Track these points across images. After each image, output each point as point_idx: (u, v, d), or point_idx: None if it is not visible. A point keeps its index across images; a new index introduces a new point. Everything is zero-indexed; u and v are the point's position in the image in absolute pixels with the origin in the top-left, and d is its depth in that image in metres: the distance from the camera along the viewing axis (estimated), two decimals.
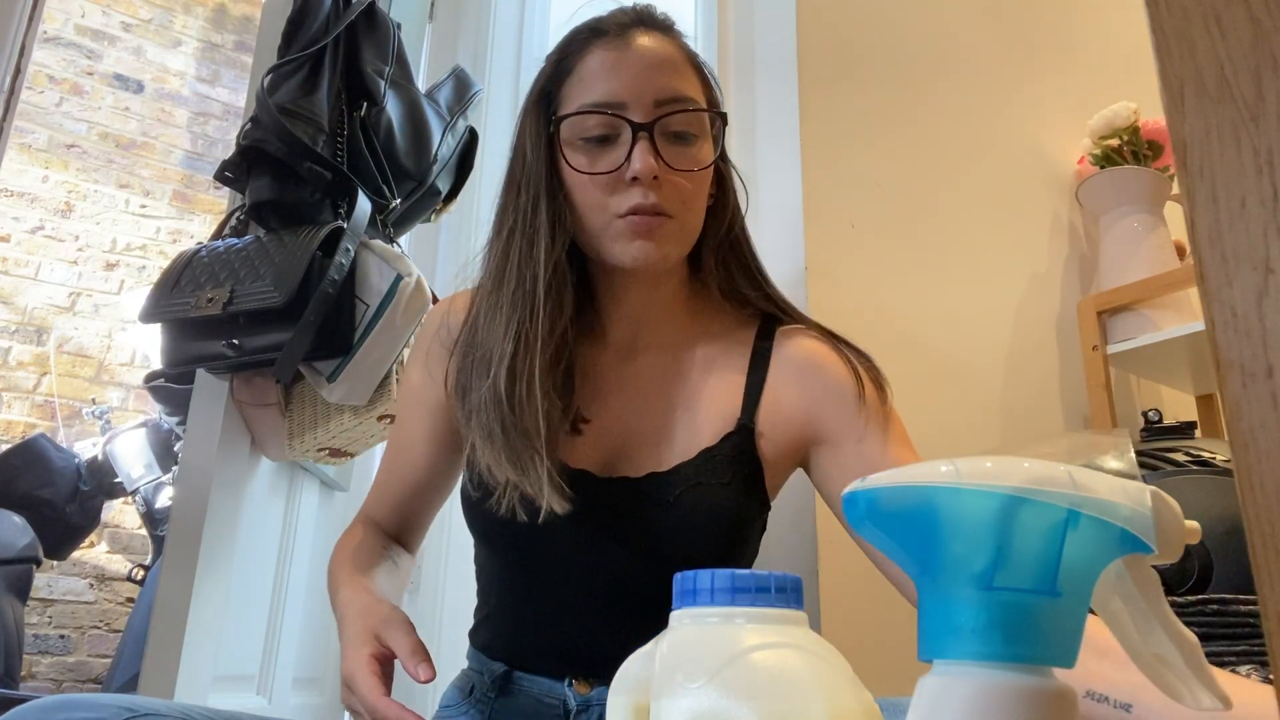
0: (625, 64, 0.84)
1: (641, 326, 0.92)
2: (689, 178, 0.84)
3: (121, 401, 3.61)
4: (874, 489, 0.41)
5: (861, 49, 1.59)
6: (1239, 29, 0.32)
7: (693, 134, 0.85)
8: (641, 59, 0.84)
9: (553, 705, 0.86)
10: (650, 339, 0.92)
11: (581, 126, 0.84)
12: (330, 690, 1.57)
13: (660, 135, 0.83)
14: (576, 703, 0.85)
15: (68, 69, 3.76)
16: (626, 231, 0.82)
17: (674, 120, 0.83)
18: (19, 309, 3.51)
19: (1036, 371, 1.65)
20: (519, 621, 0.89)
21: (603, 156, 0.83)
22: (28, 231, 3.58)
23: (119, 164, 3.80)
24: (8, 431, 3.36)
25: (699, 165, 0.85)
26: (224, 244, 1.31)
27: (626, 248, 0.83)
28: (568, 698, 0.85)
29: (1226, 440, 0.32)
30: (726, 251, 0.94)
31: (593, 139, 0.84)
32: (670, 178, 0.83)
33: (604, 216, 0.83)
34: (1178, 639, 0.39)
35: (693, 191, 0.85)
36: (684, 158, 0.84)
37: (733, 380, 0.90)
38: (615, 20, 0.88)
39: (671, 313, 0.93)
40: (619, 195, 0.82)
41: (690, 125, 0.85)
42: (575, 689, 0.86)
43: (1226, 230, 0.32)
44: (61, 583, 3.31)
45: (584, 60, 0.86)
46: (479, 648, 0.93)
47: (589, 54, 0.86)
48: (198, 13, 4.10)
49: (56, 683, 3.23)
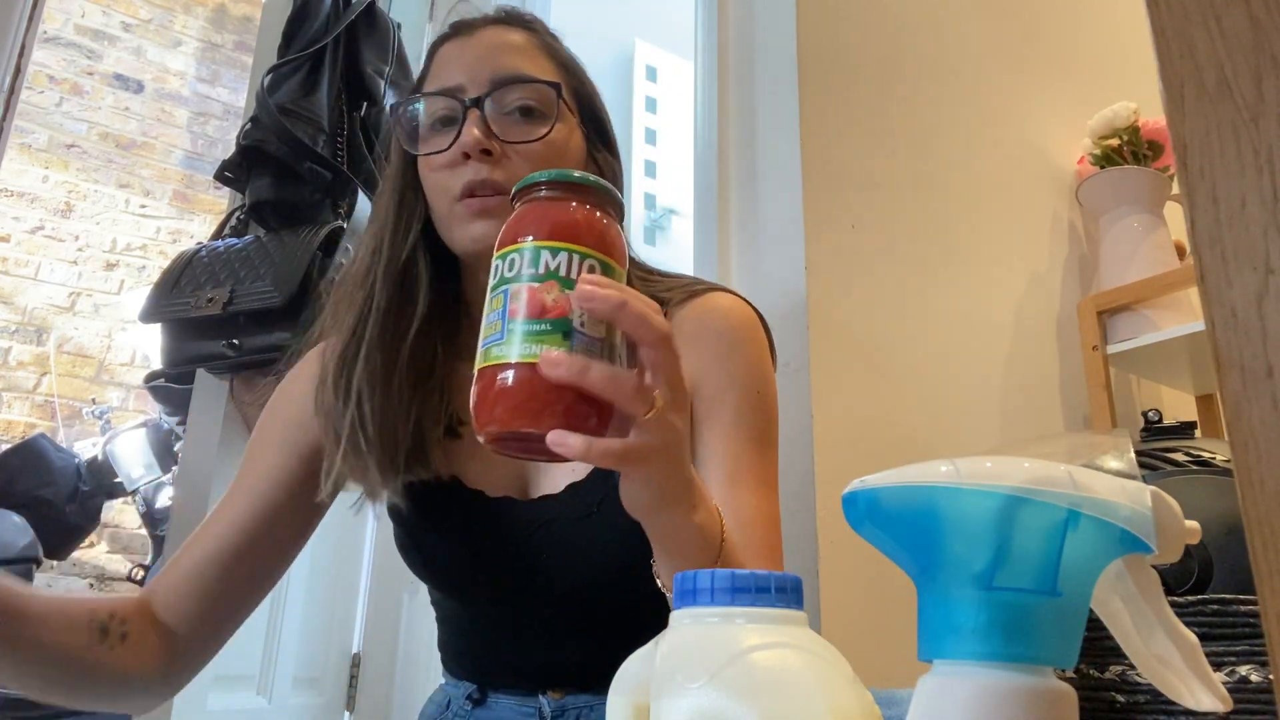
0: (467, 50, 0.83)
1: None
2: (527, 152, 0.79)
3: (121, 401, 3.61)
4: (874, 489, 0.41)
5: (861, 49, 1.59)
6: (1239, 29, 0.32)
7: (539, 110, 0.81)
8: (483, 45, 0.83)
9: (528, 714, 0.85)
10: None
11: (426, 114, 0.82)
12: (330, 690, 1.57)
13: (498, 112, 0.80)
14: (552, 709, 0.84)
15: (68, 69, 3.76)
16: (465, 213, 0.78)
17: (511, 96, 0.80)
18: (19, 309, 3.51)
19: (1036, 371, 1.65)
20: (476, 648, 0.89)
21: (441, 139, 0.80)
22: (28, 231, 3.58)
23: (119, 164, 3.80)
24: (8, 431, 3.36)
25: (535, 136, 0.79)
26: (224, 244, 1.31)
27: (467, 229, 0.78)
28: (542, 705, 0.85)
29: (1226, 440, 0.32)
30: None
31: (435, 123, 0.81)
32: (510, 154, 0.79)
33: (446, 200, 0.80)
34: (1178, 639, 0.39)
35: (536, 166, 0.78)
36: (521, 131, 0.80)
37: None
38: (471, 20, 0.87)
39: None
40: (455, 174, 0.79)
41: (535, 101, 0.81)
42: (550, 697, 0.85)
43: (1226, 230, 0.32)
44: (61, 583, 3.31)
45: (437, 54, 0.86)
46: (448, 670, 0.93)
47: (440, 49, 0.86)
48: (198, 13, 4.10)
49: None
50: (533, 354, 0.50)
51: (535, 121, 0.81)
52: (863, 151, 1.54)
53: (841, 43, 1.57)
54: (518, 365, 0.50)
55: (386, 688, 1.61)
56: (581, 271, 0.51)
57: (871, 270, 1.48)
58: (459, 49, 0.83)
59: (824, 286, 1.39)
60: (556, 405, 0.50)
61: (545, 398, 0.49)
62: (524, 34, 0.86)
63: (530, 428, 0.50)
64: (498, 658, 0.87)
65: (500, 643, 0.86)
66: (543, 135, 0.80)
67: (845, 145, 1.52)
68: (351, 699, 1.59)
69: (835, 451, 1.29)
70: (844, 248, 1.45)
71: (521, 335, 0.50)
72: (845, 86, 1.55)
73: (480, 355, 0.52)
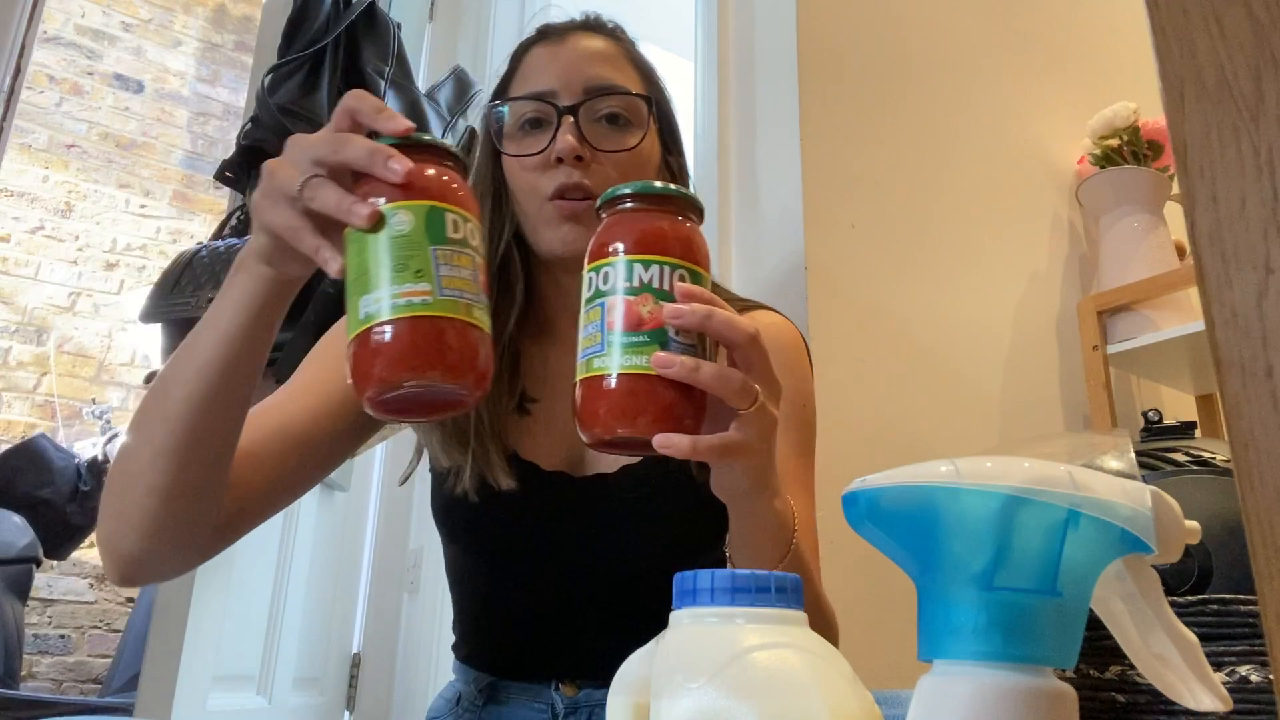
0: (560, 57, 0.86)
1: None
2: (617, 161, 0.83)
3: (121, 401, 3.61)
4: (874, 489, 0.41)
5: (861, 49, 1.59)
6: (1239, 29, 0.32)
7: (626, 119, 0.85)
8: (575, 51, 0.86)
9: (540, 710, 0.86)
10: None
11: (517, 115, 0.86)
12: (330, 690, 1.57)
13: (590, 119, 0.83)
14: (564, 705, 0.85)
15: (68, 69, 3.76)
16: (555, 215, 0.82)
17: (602, 105, 0.84)
18: (19, 309, 3.51)
19: (1036, 371, 1.65)
20: (499, 629, 0.89)
21: (533, 142, 0.84)
22: (28, 231, 3.58)
23: (119, 164, 3.80)
24: (8, 431, 3.36)
25: (626, 147, 0.84)
26: (224, 244, 1.31)
27: (556, 231, 0.82)
28: (555, 701, 0.86)
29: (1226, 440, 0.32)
30: None
31: (525, 125, 0.85)
32: (600, 160, 0.83)
33: (536, 201, 0.83)
34: (1178, 639, 0.39)
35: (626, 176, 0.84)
36: (612, 139, 0.84)
37: None
38: (560, 25, 0.91)
39: None
40: (547, 176, 0.82)
41: (623, 111, 0.85)
42: (562, 692, 0.86)
43: (1226, 230, 0.32)
44: (61, 583, 3.31)
45: (525, 58, 0.89)
46: (462, 660, 0.93)
47: (530, 53, 0.89)
48: (198, 13, 4.10)
49: (56, 683, 3.22)
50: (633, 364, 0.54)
51: (624, 130, 0.85)
52: (863, 151, 1.54)
53: (841, 42, 1.57)
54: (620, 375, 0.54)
55: (386, 688, 1.61)
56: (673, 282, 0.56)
57: (871, 270, 1.48)
58: (549, 54, 0.87)
59: (824, 286, 1.39)
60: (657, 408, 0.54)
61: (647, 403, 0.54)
62: (611, 42, 0.90)
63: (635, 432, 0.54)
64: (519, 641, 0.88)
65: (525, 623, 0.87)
66: (633, 146, 0.84)
67: (845, 145, 1.52)
68: (351, 699, 1.59)
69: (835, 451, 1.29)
70: (844, 248, 1.45)
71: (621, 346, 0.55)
72: (845, 86, 1.55)
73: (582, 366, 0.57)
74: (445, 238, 0.54)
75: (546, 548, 0.85)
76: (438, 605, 1.61)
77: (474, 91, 1.64)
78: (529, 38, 0.91)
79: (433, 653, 1.58)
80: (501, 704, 0.88)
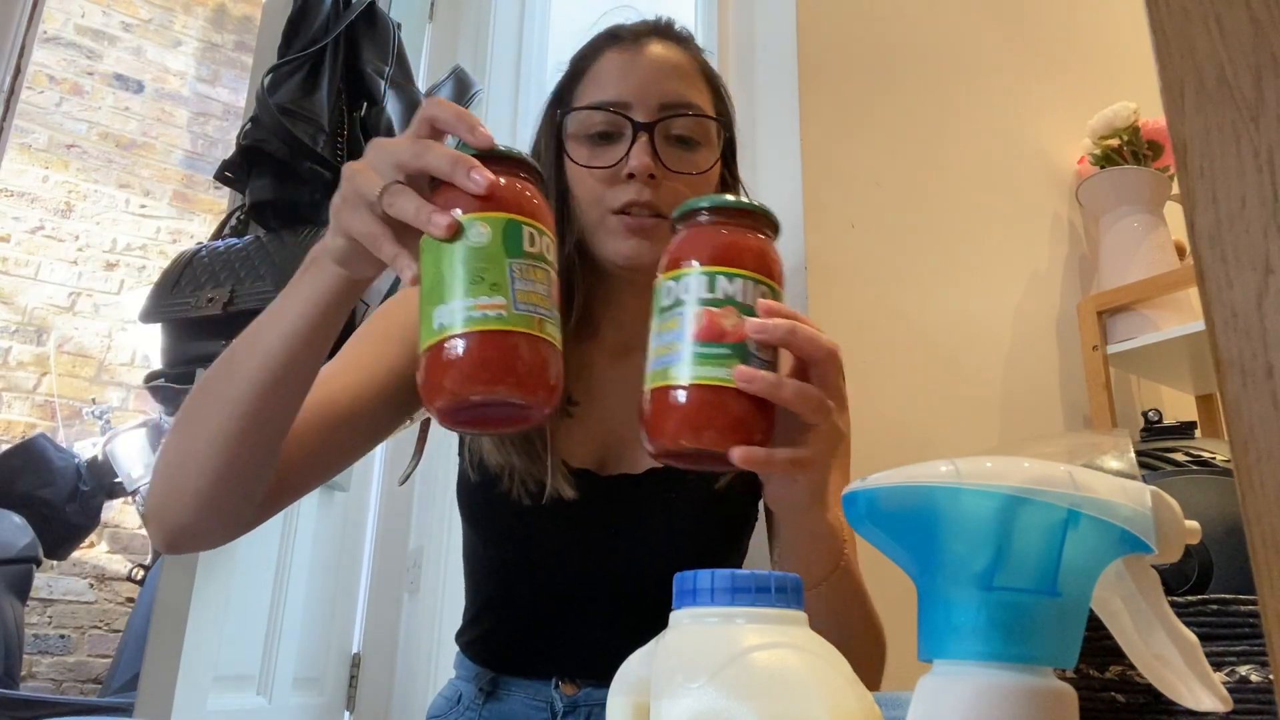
0: (635, 67, 0.86)
1: (634, 325, 0.93)
2: (687, 181, 0.84)
3: (121, 401, 3.61)
4: (874, 489, 0.41)
5: (861, 49, 1.59)
6: (1239, 29, 0.32)
7: (695, 140, 0.86)
8: (651, 63, 0.86)
9: (539, 707, 0.86)
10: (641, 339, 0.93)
11: (587, 123, 0.85)
12: (330, 690, 1.57)
13: (662, 137, 0.84)
14: (563, 704, 0.86)
15: (68, 69, 3.76)
16: (620, 229, 0.83)
17: (676, 124, 0.84)
18: (19, 309, 3.51)
19: (1036, 371, 1.65)
20: (509, 617, 0.90)
21: (604, 152, 0.84)
22: (28, 231, 3.58)
23: (119, 164, 3.80)
24: (8, 431, 3.36)
25: (698, 169, 0.85)
26: (224, 244, 1.31)
27: (619, 245, 0.83)
28: (554, 700, 0.86)
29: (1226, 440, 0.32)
30: None
31: (596, 135, 0.85)
32: (668, 180, 0.83)
33: (599, 210, 0.84)
34: (1178, 639, 0.39)
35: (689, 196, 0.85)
36: (684, 161, 0.85)
37: None
38: (633, 28, 0.90)
39: None
40: (615, 190, 0.83)
41: (693, 131, 0.85)
42: (562, 690, 0.86)
43: (1226, 230, 0.32)
44: (61, 583, 3.31)
45: (597, 63, 0.88)
46: (465, 649, 0.93)
47: (602, 57, 0.88)
48: (198, 13, 4.10)
49: (56, 683, 3.22)
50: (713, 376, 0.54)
51: (695, 151, 0.86)
52: (863, 151, 1.54)
53: (841, 42, 1.57)
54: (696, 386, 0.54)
55: (386, 688, 1.61)
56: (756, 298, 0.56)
57: (871, 270, 1.48)
58: (624, 62, 0.87)
59: (824, 285, 1.39)
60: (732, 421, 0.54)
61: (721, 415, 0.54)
62: (685, 54, 0.89)
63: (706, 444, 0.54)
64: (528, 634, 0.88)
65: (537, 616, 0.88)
66: (705, 170, 0.86)
67: (845, 144, 1.52)
68: (351, 699, 1.59)
69: None
70: (844, 247, 1.45)
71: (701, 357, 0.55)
72: (845, 86, 1.55)
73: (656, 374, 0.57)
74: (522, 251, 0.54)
75: (569, 544, 0.86)
76: (438, 605, 1.61)
77: (474, 91, 1.64)
78: (599, 39, 0.91)
79: (433, 653, 1.58)
80: (501, 700, 0.88)
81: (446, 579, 1.62)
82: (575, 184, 0.86)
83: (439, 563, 1.64)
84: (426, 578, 1.65)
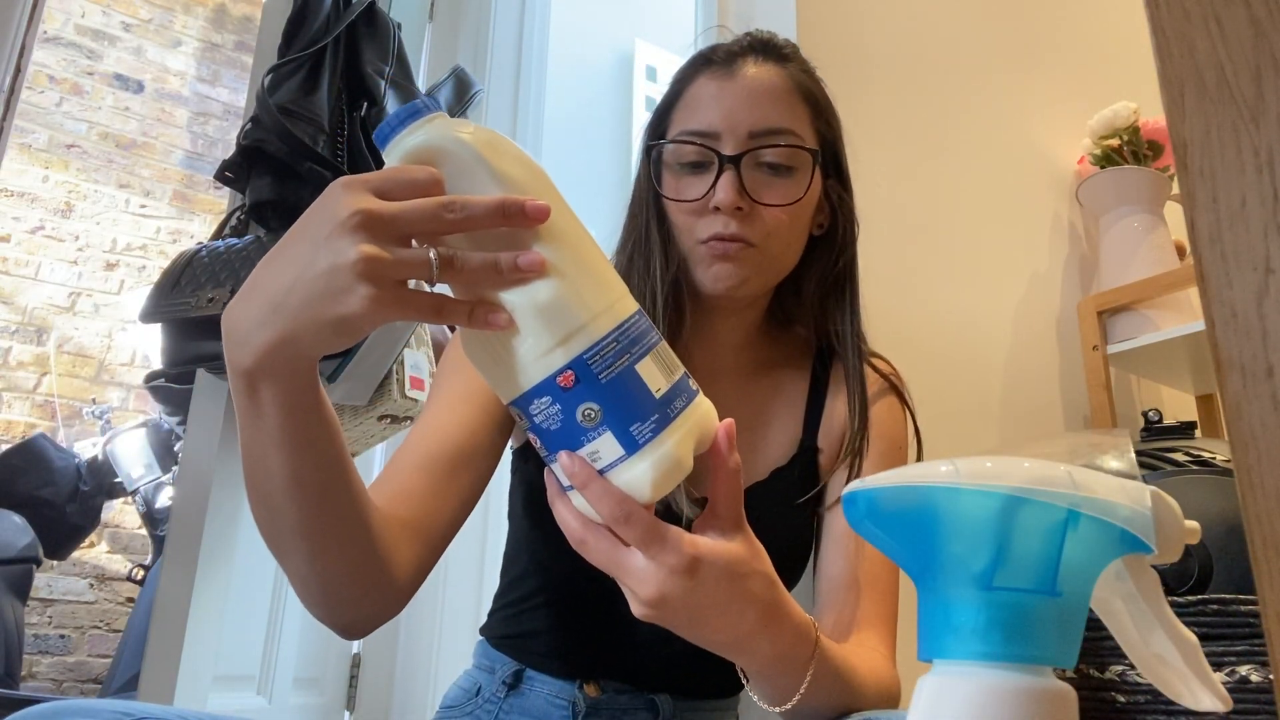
0: (725, 94, 0.86)
1: (722, 352, 0.94)
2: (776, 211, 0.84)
3: (121, 401, 3.61)
4: (874, 489, 0.41)
5: (861, 50, 1.59)
6: (1239, 29, 0.32)
7: (786, 166, 0.85)
8: (743, 89, 0.86)
9: (561, 706, 0.86)
10: (726, 363, 0.94)
11: (678, 153, 0.86)
12: (330, 690, 1.57)
13: (751, 166, 0.84)
14: (586, 705, 0.85)
15: (68, 69, 3.76)
16: (706, 256, 0.84)
17: (766, 152, 0.84)
18: (19, 309, 3.51)
19: (1036, 371, 1.65)
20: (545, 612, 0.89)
21: (694, 182, 0.85)
22: (28, 231, 3.58)
23: (119, 164, 3.80)
24: (8, 431, 3.36)
25: (787, 200, 0.85)
26: (224, 244, 1.31)
27: (707, 271, 0.84)
28: (577, 700, 0.85)
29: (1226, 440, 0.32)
30: (830, 284, 0.95)
31: (687, 165, 0.86)
32: (759, 211, 0.84)
33: (690, 240, 0.85)
34: (1178, 639, 0.39)
35: (782, 223, 0.85)
36: (773, 190, 0.84)
37: (796, 403, 0.94)
38: (728, 48, 0.90)
39: (750, 340, 0.95)
40: (704, 221, 0.84)
41: (784, 158, 0.85)
42: (586, 692, 0.85)
43: (1226, 230, 0.32)
44: (61, 583, 3.31)
45: (691, 87, 0.89)
46: (495, 641, 0.92)
47: (696, 81, 0.88)
48: (198, 13, 4.10)
49: (56, 683, 3.22)
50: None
51: (786, 179, 0.85)
52: (862, 151, 1.54)
53: (841, 43, 1.57)
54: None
55: (386, 688, 1.61)
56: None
57: (871, 270, 1.48)
58: (716, 89, 0.86)
59: None
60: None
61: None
62: (781, 73, 0.88)
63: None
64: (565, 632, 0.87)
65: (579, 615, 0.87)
66: (793, 202, 0.85)
67: (845, 145, 1.52)
68: (351, 699, 1.59)
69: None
70: None
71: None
72: (844, 87, 1.54)
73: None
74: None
75: None
76: (438, 605, 1.61)
77: (474, 92, 1.64)
78: (695, 61, 0.91)
79: (433, 653, 1.58)
80: (523, 695, 0.87)
81: (447, 579, 1.62)
82: (669, 213, 0.87)
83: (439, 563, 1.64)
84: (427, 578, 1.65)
